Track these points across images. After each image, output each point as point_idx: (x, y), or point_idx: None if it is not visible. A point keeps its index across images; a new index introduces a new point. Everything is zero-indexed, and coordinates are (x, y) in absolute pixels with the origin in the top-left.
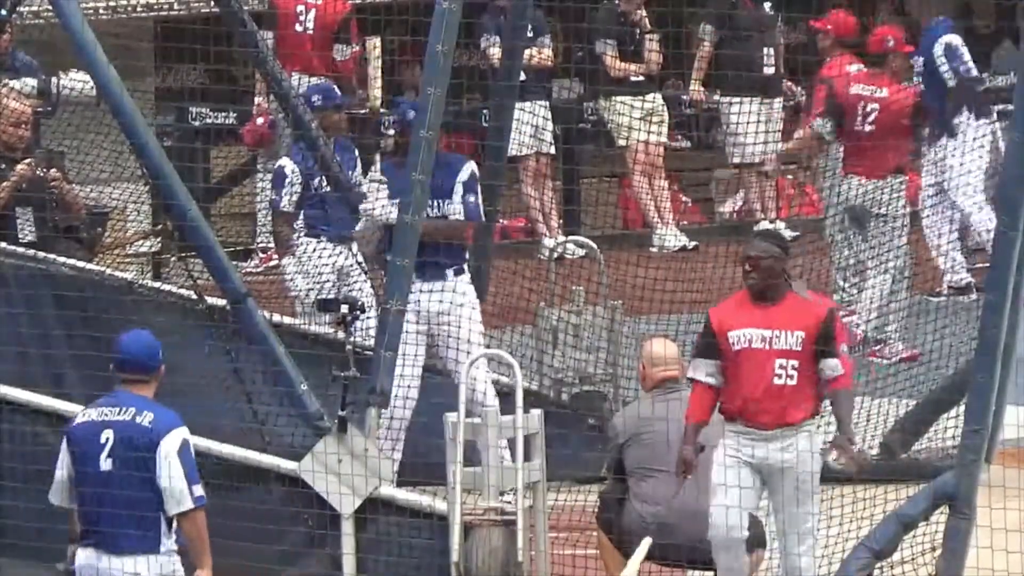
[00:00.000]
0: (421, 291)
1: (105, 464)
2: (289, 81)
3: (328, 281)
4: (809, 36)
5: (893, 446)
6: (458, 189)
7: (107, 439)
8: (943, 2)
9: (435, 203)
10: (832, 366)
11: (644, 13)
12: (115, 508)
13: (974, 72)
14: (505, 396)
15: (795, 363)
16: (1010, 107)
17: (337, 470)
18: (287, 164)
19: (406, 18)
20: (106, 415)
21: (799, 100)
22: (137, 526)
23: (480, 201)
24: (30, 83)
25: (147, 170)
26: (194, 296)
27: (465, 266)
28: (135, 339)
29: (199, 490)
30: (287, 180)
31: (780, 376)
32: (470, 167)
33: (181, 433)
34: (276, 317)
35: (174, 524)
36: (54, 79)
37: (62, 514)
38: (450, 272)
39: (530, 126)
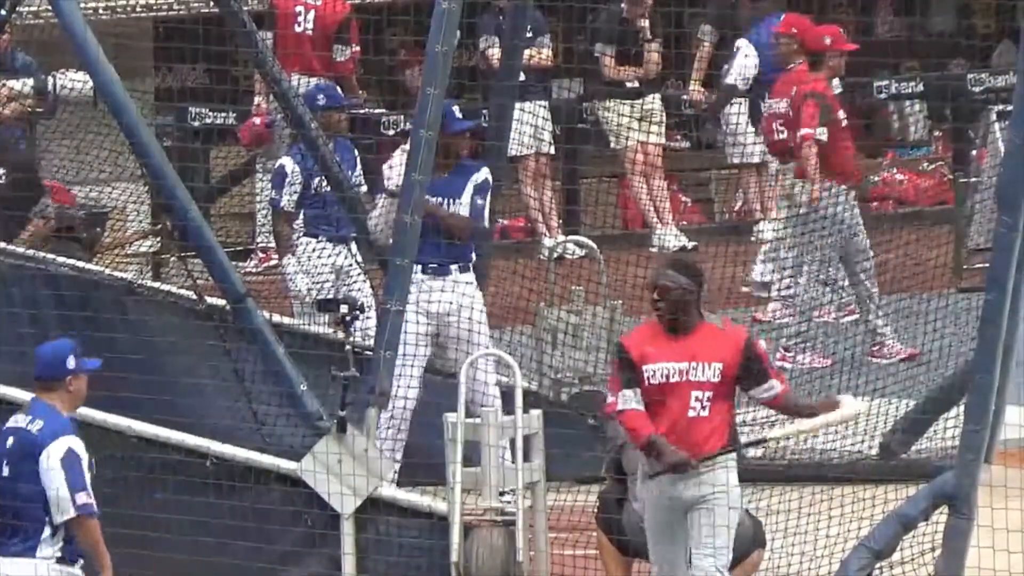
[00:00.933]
0: (422, 289)
1: (4, 470)
2: (289, 81)
3: (327, 281)
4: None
5: (893, 446)
6: (468, 189)
7: (7, 445)
8: (944, 2)
9: (444, 202)
10: (768, 387)
11: (647, 23)
12: (4, 513)
13: (727, 80)
14: (505, 396)
15: (709, 395)
16: (1010, 107)
17: (337, 470)
18: (288, 163)
19: (406, 18)
20: (15, 422)
21: None
22: (18, 531)
23: (487, 206)
24: (28, 83)
25: (147, 170)
26: (194, 296)
27: (471, 264)
28: (45, 348)
29: (83, 498)
30: (287, 179)
31: (694, 408)
32: (485, 172)
33: (67, 442)
34: (276, 317)
35: (61, 532)
36: (50, 79)
37: None
38: (455, 268)
39: (530, 126)
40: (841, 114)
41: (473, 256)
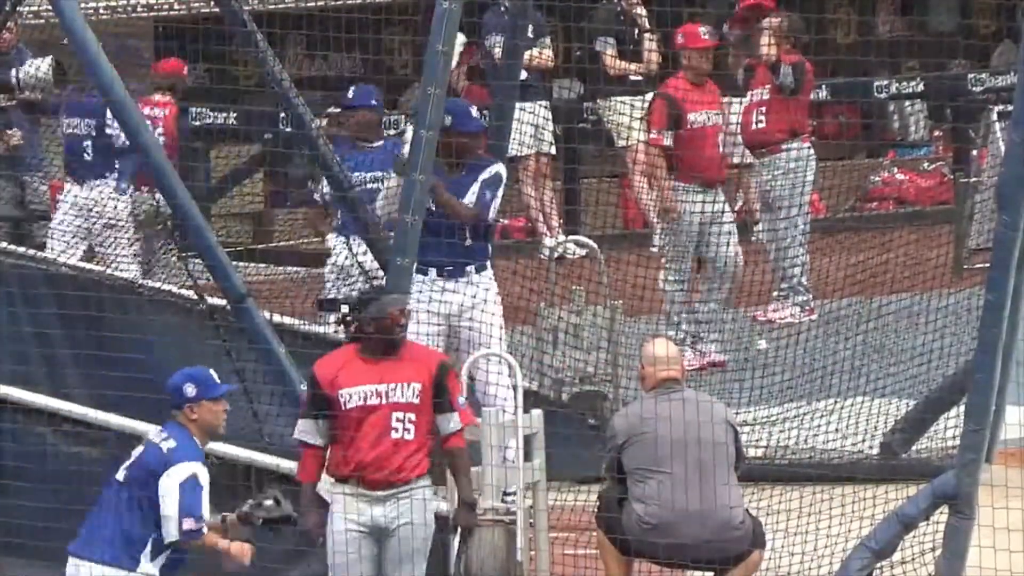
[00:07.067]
0: (444, 289)
1: (120, 474)
2: (289, 81)
3: (356, 280)
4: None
5: (894, 446)
6: (476, 185)
7: (134, 455)
8: (944, 2)
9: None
10: (454, 420)
11: (644, 12)
12: (104, 516)
13: None
14: None
15: (412, 416)
16: (1010, 107)
17: None
18: None
19: (406, 18)
20: (150, 437)
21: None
22: (115, 538)
23: (495, 201)
24: None
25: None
26: (194, 296)
27: (488, 263)
28: (176, 374)
29: (189, 523)
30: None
31: (397, 430)
32: (496, 168)
33: (193, 467)
34: (276, 317)
35: (166, 551)
36: (13, 71)
37: (63, 514)
38: (471, 268)
39: (530, 126)
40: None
41: (489, 252)
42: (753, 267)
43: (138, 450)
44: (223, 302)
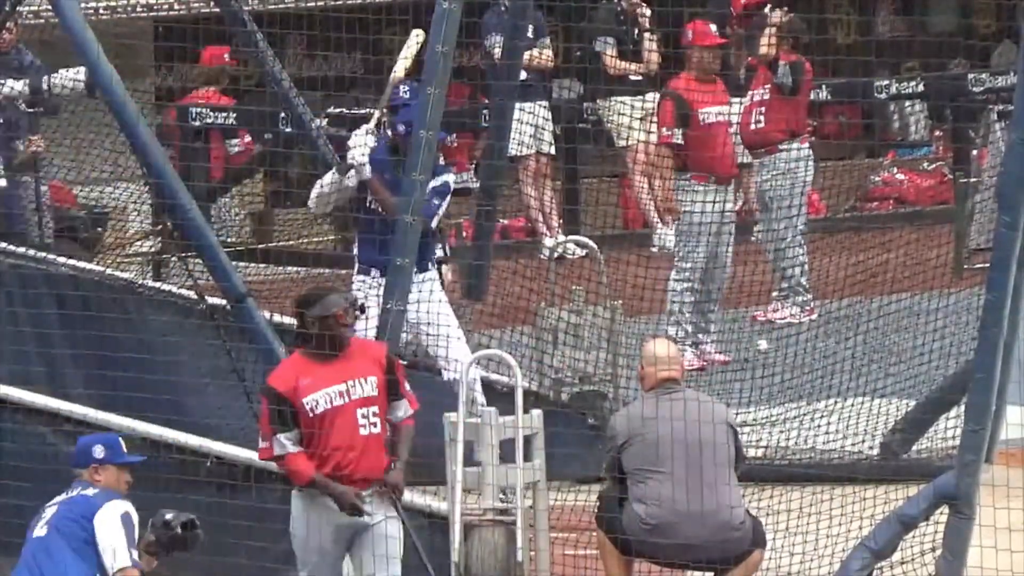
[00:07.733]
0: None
1: (41, 531)
2: (289, 80)
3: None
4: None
5: (894, 446)
6: (428, 189)
7: (51, 513)
8: (944, 2)
9: None
10: (404, 407)
11: (647, 12)
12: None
13: None
14: (505, 396)
15: (375, 409)
16: (1010, 107)
17: None
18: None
19: (406, 18)
20: (60, 497)
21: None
22: None
23: (440, 208)
24: (17, 86)
25: (147, 170)
26: (194, 296)
27: (431, 264)
28: (84, 437)
29: (136, 555)
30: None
31: (365, 426)
32: (446, 178)
33: (124, 505)
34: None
35: None
36: (45, 77)
37: None
38: (414, 269)
39: (530, 126)
40: (703, 113)
41: (433, 257)
42: (753, 267)
43: (50, 509)
44: (223, 302)
